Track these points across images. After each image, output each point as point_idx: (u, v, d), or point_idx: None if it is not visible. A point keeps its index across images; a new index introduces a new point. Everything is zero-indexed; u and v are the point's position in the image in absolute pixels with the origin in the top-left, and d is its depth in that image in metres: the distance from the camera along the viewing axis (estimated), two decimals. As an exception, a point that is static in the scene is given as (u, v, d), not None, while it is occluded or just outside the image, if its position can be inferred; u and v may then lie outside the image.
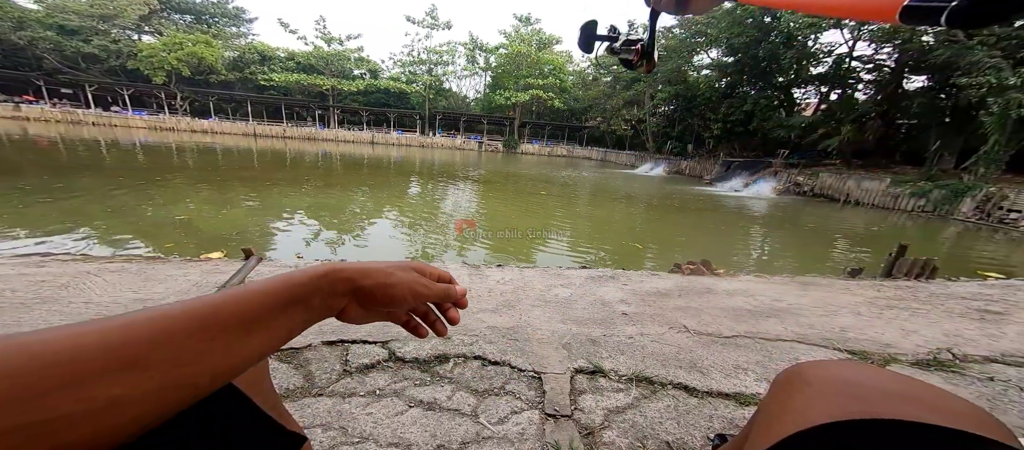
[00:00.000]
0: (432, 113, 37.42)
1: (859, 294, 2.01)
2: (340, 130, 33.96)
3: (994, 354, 1.38)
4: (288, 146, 23.41)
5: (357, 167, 14.92)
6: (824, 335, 1.48)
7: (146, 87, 30.07)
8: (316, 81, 34.18)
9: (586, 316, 1.53)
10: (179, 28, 33.39)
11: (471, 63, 40.38)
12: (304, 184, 9.49)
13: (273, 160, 14.92)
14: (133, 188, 7.11)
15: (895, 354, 1.35)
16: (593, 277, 2.06)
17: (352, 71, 38.86)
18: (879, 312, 1.75)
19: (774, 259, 6.04)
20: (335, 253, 4.60)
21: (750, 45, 18.84)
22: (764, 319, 1.61)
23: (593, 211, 9.41)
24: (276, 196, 7.68)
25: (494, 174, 15.83)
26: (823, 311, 1.72)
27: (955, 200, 10.08)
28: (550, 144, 37.60)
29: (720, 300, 1.81)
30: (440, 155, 26.13)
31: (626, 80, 29.32)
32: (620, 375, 1.12)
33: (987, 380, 1.21)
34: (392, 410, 0.92)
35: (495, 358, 1.16)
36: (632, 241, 6.33)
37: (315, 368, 1.07)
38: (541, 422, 0.91)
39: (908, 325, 1.61)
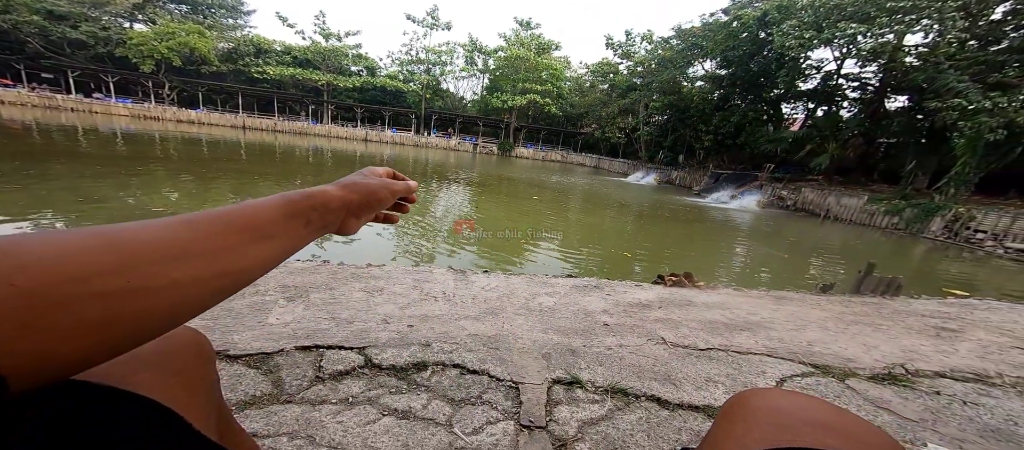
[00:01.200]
0: (428, 113, 37.28)
1: (828, 309, 2.09)
2: (333, 126, 33.55)
3: (944, 369, 1.44)
4: (278, 140, 22.96)
5: (348, 164, 14.74)
6: (791, 349, 1.53)
7: (132, 75, 29.14)
8: (312, 76, 33.74)
9: (568, 326, 1.55)
10: (174, 17, 32.50)
11: (469, 64, 40.44)
12: (293, 179, 9.33)
13: (261, 153, 14.62)
14: (110, 176, 6.87)
15: (854, 368, 1.41)
16: (578, 286, 2.09)
17: (349, 67, 38.48)
18: (845, 327, 1.82)
19: (755, 272, 6.21)
20: (324, 250, 4.53)
21: (744, 59, 19.40)
22: (738, 332, 1.66)
23: (584, 218, 9.50)
24: (264, 190, 7.53)
25: (488, 177, 15.84)
26: (793, 325, 1.79)
27: (925, 219, 10.55)
28: (545, 149, 37.86)
29: (699, 313, 1.86)
30: (434, 155, 26.02)
31: (622, 88, 29.80)
32: (597, 386, 1.14)
33: (934, 394, 1.27)
34: (364, 418, 0.92)
35: (474, 367, 1.16)
36: (621, 249, 6.42)
37: (285, 374, 1.05)
38: (515, 433, 0.92)
39: (870, 340, 1.68)
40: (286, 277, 1.82)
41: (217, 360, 1.02)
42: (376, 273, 1.99)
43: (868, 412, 1.13)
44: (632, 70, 29.70)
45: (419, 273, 2.08)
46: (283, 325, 1.33)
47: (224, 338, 1.18)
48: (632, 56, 30.30)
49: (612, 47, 31.21)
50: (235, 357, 1.08)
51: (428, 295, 1.75)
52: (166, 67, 29.91)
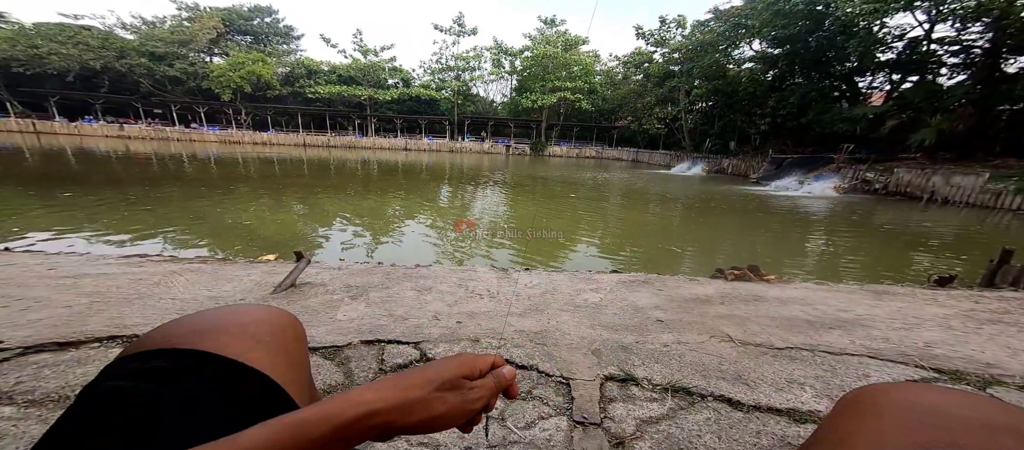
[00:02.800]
0: (460, 118, 38.49)
1: (949, 306, 1.73)
2: (376, 138, 36.12)
3: None
4: (332, 154, 25.33)
5: (392, 173, 15.74)
6: (903, 351, 1.29)
7: (217, 104, 34.13)
8: (355, 91, 36.56)
9: (617, 322, 1.47)
10: (240, 48, 37.36)
11: (497, 67, 40.99)
12: (346, 190, 10.22)
13: (319, 168, 16.22)
14: (209, 196, 8.12)
15: (998, 376, 1.14)
16: (624, 282, 1.98)
17: (386, 81, 40.99)
18: (977, 326, 1.49)
19: (840, 265, 5.38)
20: (377, 252, 4.88)
21: (800, 34, 17.18)
22: (826, 331, 1.44)
23: (625, 214, 9.06)
24: (322, 201, 8.34)
25: (522, 177, 15.87)
26: (902, 324, 1.50)
27: (1079, 197, 8.34)
28: (578, 146, 37.03)
29: (771, 308, 1.65)
30: (468, 159, 26.78)
31: (658, 77, 28.08)
32: (654, 384, 1.06)
33: None
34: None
35: (522, 362, 1.15)
36: (668, 244, 6.00)
37: (354, 366, 1.13)
38: (569, 429, 0.88)
39: (1015, 342, 1.35)
40: (349, 278, 1.97)
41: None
42: (424, 273, 2.07)
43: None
44: (668, 57, 27.82)
45: (463, 272, 2.12)
46: (349, 321, 1.44)
47: (308, 332, 1.30)
48: (667, 43, 28.41)
49: (643, 37, 29.56)
50: (313, 349, 1.19)
51: (473, 293, 1.77)
52: (240, 95, 34.54)
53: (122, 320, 1.36)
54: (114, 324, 1.32)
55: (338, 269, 2.12)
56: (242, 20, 39.03)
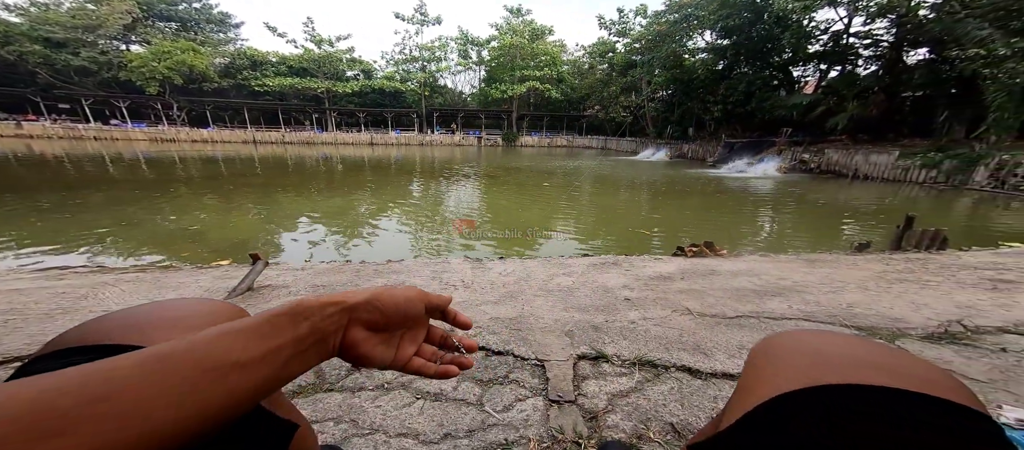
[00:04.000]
0: (428, 111, 37.34)
1: (867, 269, 1.99)
2: (338, 133, 34.04)
3: (1007, 324, 1.36)
4: (288, 151, 23.53)
5: (358, 169, 14.97)
6: (831, 312, 1.47)
7: (141, 98, 30.13)
8: (310, 84, 34.11)
9: (588, 303, 1.54)
10: (165, 36, 33.02)
11: (464, 58, 40.10)
12: (307, 188, 9.57)
13: (275, 166, 15.03)
14: (143, 201, 7.23)
15: (904, 328, 1.34)
16: (595, 264, 2.07)
17: (345, 72, 38.68)
18: (888, 286, 1.73)
19: (781, 238, 5.98)
20: (345, 252, 4.66)
21: (744, 26, 18.44)
22: (769, 298, 1.60)
23: (597, 199, 9.37)
24: (281, 202, 7.76)
25: (495, 169, 15.78)
26: (830, 288, 1.71)
27: (967, 169, 9.86)
28: (549, 135, 37.40)
29: (724, 281, 1.81)
30: (439, 152, 26.12)
31: (621, 66, 28.91)
32: (623, 359, 1.13)
33: (1000, 351, 1.19)
34: (400, 402, 0.94)
35: (498, 348, 1.17)
36: (637, 228, 6.30)
37: (326, 365, 1.09)
38: (545, 408, 0.92)
39: (918, 298, 1.59)
40: (314, 278, 1.87)
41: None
42: (396, 268, 2.02)
43: None
44: (630, 47, 28.72)
45: (437, 265, 2.10)
46: None
47: None
48: (628, 33, 29.29)
49: (606, 26, 30.23)
50: None
51: (447, 284, 1.76)
52: (170, 87, 30.72)
53: (45, 337, 1.19)
54: (37, 342, 1.17)
55: (302, 270, 2.01)
56: (164, 4, 34.44)
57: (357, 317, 0.32)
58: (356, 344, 0.32)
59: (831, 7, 14.96)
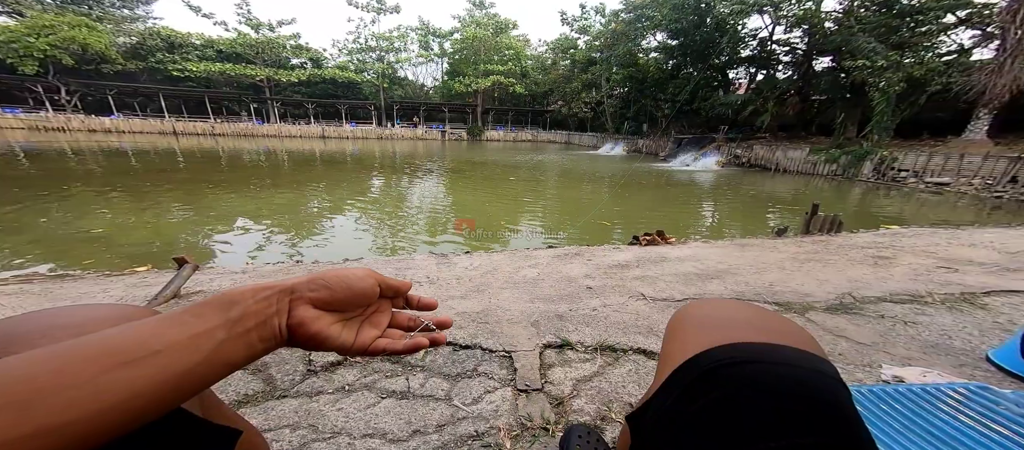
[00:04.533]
0: (388, 103, 35.45)
1: (784, 251, 2.30)
2: (283, 125, 30.97)
3: (885, 294, 1.62)
4: (220, 144, 20.90)
5: (308, 164, 13.78)
6: (757, 290, 1.68)
7: (13, 79, 24.65)
8: (246, 71, 30.38)
9: (554, 293, 1.60)
10: (47, 8, 27.20)
11: (425, 49, 38.58)
12: (247, 185, 8.61)
13: (204, 160, 13.28)
14: (25, 201, 5.97)
15: (812, 302, 1.55)
16: (559, 256, 2.14)
17: (289, 60, 35.24)
18: (799, 266, 2.01)
19: (720, 224, 6.69)
20: (293, 254, 4.28)
21: (690, 29, 20.02)
22: (709, 281, 1.79)
23: (561, 192, 9.65)
24: (214, 200, 6.90)
25: (460, 163, 15.50)
26: (756, 269, 1.95)
27: (858, 164, 11.77)
28: (515, 129, 37.52)
29: (673, 267, 1.97)
30: (401, 146, 24.96)
31: (583, 63, 29.80)
32: (586, 346, 1.19)
33: (879, 318, 1.41)
34: (364, 403, 0.91)
35: (466, 342, 1.17)
36: (599, 219, 6.61)
37: (275, 371, 1.02)
38: (514, 398, 0.95)
39: (821, 275, 1.87)
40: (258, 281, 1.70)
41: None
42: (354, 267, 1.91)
43: (829, 341, 1.24)
44: (590, 45, 29.74)
45: (399, 262, 2.02)
46: None
47: None
48: (588, 30, 30.22)
49: (568, 22, 30.93)
50: None
51: (411, 281, 1.71)
52: (56, 68, 25.54)
53: None
54: None
55: (243, 273, 1.82)
56: (42, -32, 28.32)
57: (301, 297, 0.31)
58: (306, 323, 0.31)
59: (759, 15, 16.75)
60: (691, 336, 0.36)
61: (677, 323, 0.41)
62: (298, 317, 0.31)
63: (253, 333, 0.28)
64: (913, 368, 1.05)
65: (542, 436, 0.82)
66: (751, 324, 0.35)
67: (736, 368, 0.30)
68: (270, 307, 0.30)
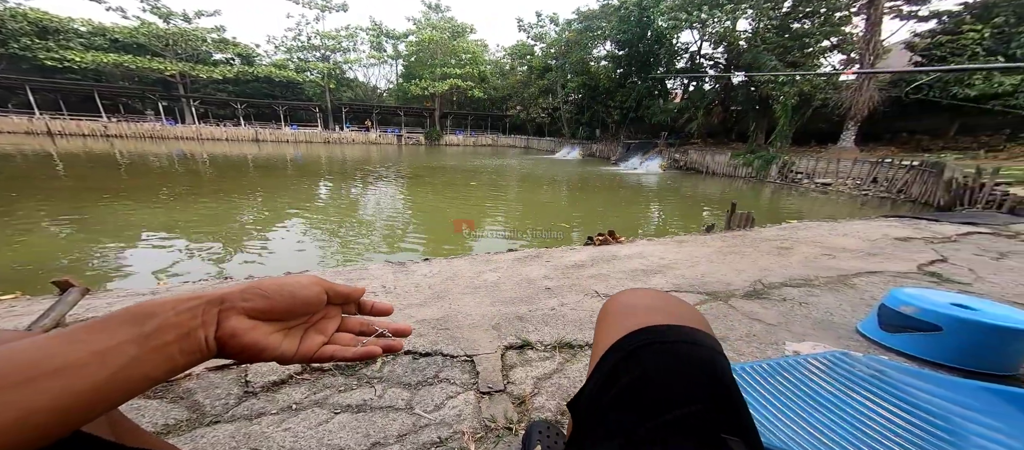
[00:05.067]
0: (336, 105, 33.07)
1: (711, 246, 2.61)
2: (203, 126, 27.12)
3: (785, 280, 1.90)
4: (116, 147, 17.71)
5: (238, 170, 12.24)
6: (691, 282, 1.87)
7: None
8: (152, 64, 26.18)
9: (514, 295, 1.63)
10: None
11: (378, 50, 36.84)
12: (155, 194, 7.38)
13: (94, 166, 11.12)
14: None
15: (732, 290, 1.76)
16: (519, 258, 2.19)
17: (211, 55, 31.26)
18: (723, 258, 2.30)
19: (664, 224, 7.35)
20: (220, 271, 3.76)
21: (634, 40, 21.82)
22: (653, 276, 1.96)
23: (522, 196, 9.81)
24: (109, 212, 5.81)
25: (419, 169, 14.97)
26: (690, 263, 2.19)
27: (767, 167, 13.78)
28: (474, 134, 37.28)
29: (623, 264, 2.13)
30: (352, 151, 23.34)
31: (539, 70, 30.75)
32: (546, 345, 1.23)
33: (782, 301, 1.63)
34: (315, 421, 0.86)
35: (426, 350, 1.16)
36: (559, 220, 6.84)
37: (202, 397, 0.91)
38: (477, 401, 0.95)
39: (739, 266, 2.13)
40: (173, 307, 1.48)
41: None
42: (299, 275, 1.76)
43: (746, 323, 1.40)
44: (546, 52, 30.81)
45: (351, 272, 1.91)
46: None
47: None
48: (544, 38, 31.33)
49: (524, 29, 31.80)
50: None
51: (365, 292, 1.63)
52: None
53: None
54: None
55: (152, 294, 1.58)
56: None
57: (233, 307, 0.30)
58: (238, 333, 0.29)
59: (690, 30, 18.84)
60: (613, 325, 0.41)
61: (603, 315, 0.46)
62: (229, 328, 0.29)
63: (173, 346, 0.27)
64: (806, 343, 1.27)
65: (506, 436, 0.84)
66: (659, 310, 0.41)
67: (647, 349, 0.36)
68: (194, 319, 0.28)
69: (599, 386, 0.36)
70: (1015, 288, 1.79)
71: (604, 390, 0.36)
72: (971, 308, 1.10)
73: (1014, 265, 2.15)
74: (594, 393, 0.37)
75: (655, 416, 0.30)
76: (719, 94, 19.68)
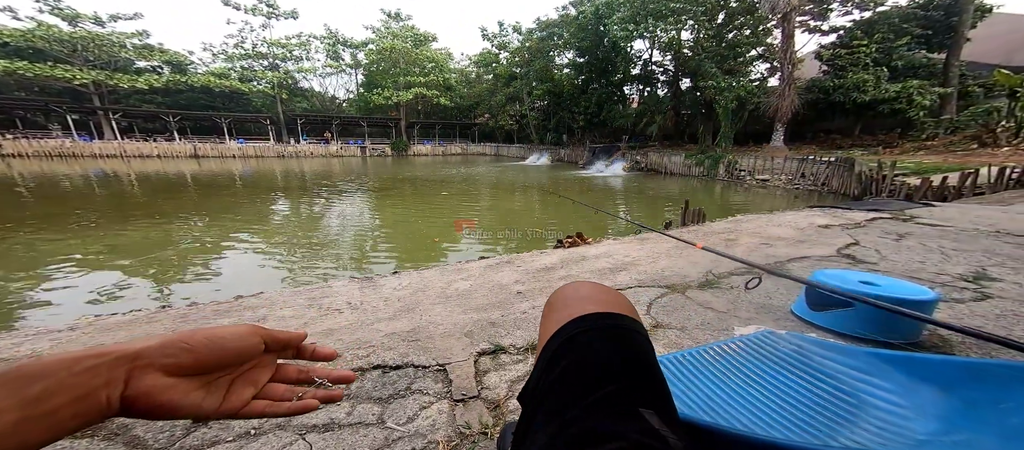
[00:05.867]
0: (289, 116, 31.04)
1: (669, 242, 2.80)
2: (128, 142, 24.10)
3: (732, 270, 2.05)
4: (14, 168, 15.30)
5: (174, 189, 11.04)
6: (653, 277, 1.99)
7: None
8: (55, 72, 22.61)
9: (486, 302, 1.64)
10: None
11: (334, 59, 35.28)
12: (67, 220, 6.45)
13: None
14: None
15: (688, 282, 1.87)
16: (491, 265, 2.21)
17: (133, 62, 28.11)
18: (679, 253, 2.47)
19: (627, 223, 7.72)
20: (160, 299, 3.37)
21: (593, 48, 22.88)
22: (618, 273, 2.07)
23: (494, 203, 9.80)
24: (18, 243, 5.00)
25: (386, 180, 14.43)
26: (651, 259, 2.32)
27: (715, 166, 15.03)
28: (443, 143, 36.76)
29: (591, 264, 2.22)
30: (311, 165, 21.95)
31: (505, 78, 31.11)
32: (518, 348, 1.24)
33: (730, 289, 1.77)
34: (278, 444, 0.81)
35: (396, 363, 1.13)
36: (533, 226, 6.91)
37: (142, 431, 0.83)
38: (450, 409, 0.95)
39: (693, 258, 2.28)
40: (99, 337, 1.32)
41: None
42: (251, 303, 1.64)
43: (700, 312, 1.49)
44: (511, 60, 31.25)
45: (313, 291, 1.81)
46: None
47: None
48: (507, 47, 31.79)
49: (488, 39, 32.06)
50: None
51: (328, 310, 1.56)
52: None
53: None
54: None
55: (72, 330, 1.39)
56: None
57: (150, 364, 0.27)
58: (151, 393, 0.26)
59: (641, 39, 20.11)
60: (554, 315, 0.44)
61: (547, 308, 0.49)
62: (142, 388, 0.26)
63: (64, 411, 0.24)
64: (750, 326, 1.41)
65: (481, 440, 0.85)
66: (593, 299, 0.43)
67: (581, 336, 0.38)
68: (96, 379, 0.25)
69: (540, 374, 0.39)
70: (911, 265, 2.11)
71: (545, 377, 0.38)
72: (875, 285, 1.29)
73: (911, 245, 2.54)
74: (536, 382, 0.39)
75: (585, 397, 0.33)
76: (671, 99, 21.16)
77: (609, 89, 24.87)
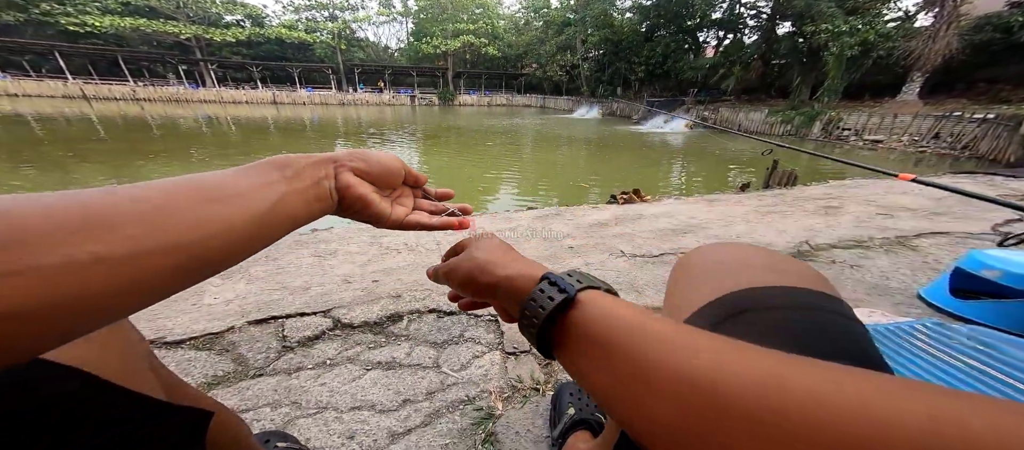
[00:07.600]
0: (348, 66, 32.45)
1: (748, 205, 2.43)
2: (223, 89, 27.48)
3: (834, 241, 1.76)
4: (147, 111, 18.26)
5: (261, 133, 12.52)
6: (725, 242, 1.77)
7: None
8: (166, 28, 26.17)
9: (535, 254, 1.59)
10: None
11: (386, 7, 35.10)
12: (186, 154, 7.70)
13: (130, 129, 11.61)
14: None
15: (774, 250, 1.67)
16: (540, 216, 2.13)
17: (222, 17, 30.81)
18: (761, 217, 2.14)
19: (691, 182, 7.02)
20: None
21: None
22: (683, 236, 1.86)
23: (539, 156, 9.60)
24: (155, 172, 6.12)
25: (434, 129, 14.78)
26: (724, 222, 2.05)
27: (809, 124, 12.61)
28: (488, 94, 36.05)
29: (649, 224, 2.03)
30: (367, 113, 23.16)
31: (557, 25, 28.53)
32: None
33: (831, 263, 1.54)
34: (348, 376, 0.88)
35: (450, 308, 1.14)
36: (577, 180, 6.66)
37: (246, 350, 0.95)
38: (503, 361, 0.94)
39: (780, 225, 2.00)
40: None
41: (157, 348, 0.90)
42: (325, 237, 1.79)
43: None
44: (565, 4, 28.29)
45: (374, 230, 1.91)
46: (225, 303, 1.17)
47: (156, 325, 1.03)
48: None
49: None
50: (176, 343, 0.96)
51: (388, 249, 1.63)
52: None
53: None
54: None
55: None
56: None
57: (344, 165, 0.34)
58: (351, 185, 0.33)
59: None
60: (703, 282, 0.34)
61: (684, 269, 0.39)
62: (344, 181, 0.33)
63: (310, 191, 0.30)
64: (861, 310, 1.17)
65: (533, 396, 0.83)
66: (765, 267, 0.33)
67: (758, 315, 0.28)
68: (319, 171, 0.32)
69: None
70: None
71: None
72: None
73: (1108, 230, 1.88)
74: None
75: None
76: (760, 47, 17.61)
77: (680, 36, 21.50)
